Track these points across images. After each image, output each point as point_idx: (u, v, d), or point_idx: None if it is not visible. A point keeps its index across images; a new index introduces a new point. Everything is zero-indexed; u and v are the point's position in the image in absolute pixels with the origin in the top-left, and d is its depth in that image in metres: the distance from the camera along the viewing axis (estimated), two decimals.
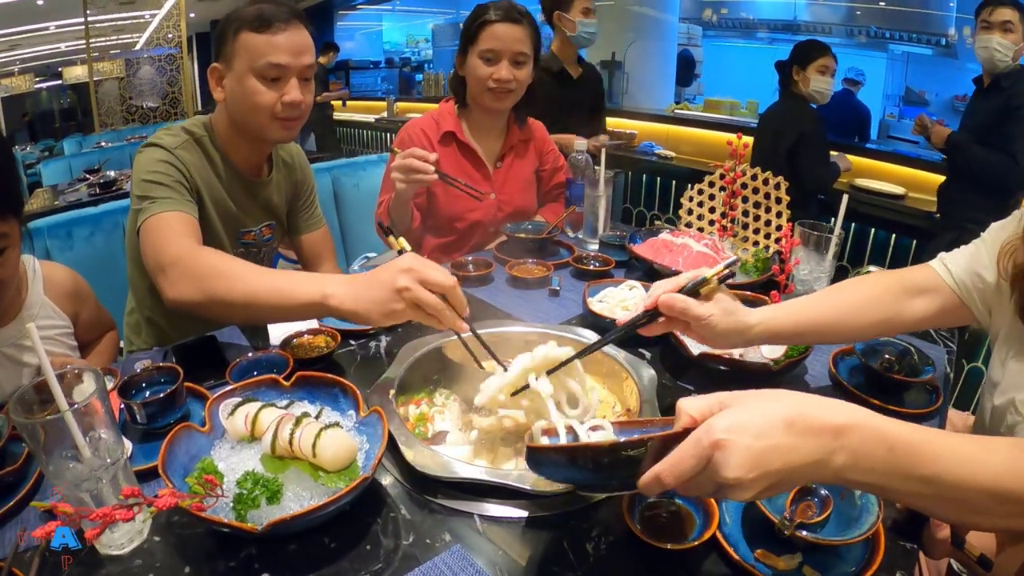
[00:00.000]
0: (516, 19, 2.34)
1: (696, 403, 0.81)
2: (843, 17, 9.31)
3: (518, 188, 2.65)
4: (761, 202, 2.09)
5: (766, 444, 0.75)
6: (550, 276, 2.10)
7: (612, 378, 1.48)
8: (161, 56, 9.54)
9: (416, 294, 1.22)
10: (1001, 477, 0.80)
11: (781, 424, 0.76)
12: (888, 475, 0.79)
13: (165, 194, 1.67)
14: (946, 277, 1.40)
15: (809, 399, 0.80)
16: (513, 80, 2.38)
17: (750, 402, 0.79)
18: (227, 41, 1.77)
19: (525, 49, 2.38)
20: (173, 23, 9.40)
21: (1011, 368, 1.31)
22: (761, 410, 0.77)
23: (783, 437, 0.76)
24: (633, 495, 1.06)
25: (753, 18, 10.18)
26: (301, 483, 1.06)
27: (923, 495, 0.80)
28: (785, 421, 0.76)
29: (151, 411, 1.23)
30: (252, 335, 1.69)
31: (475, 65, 2.37)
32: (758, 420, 0.76)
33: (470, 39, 2.38)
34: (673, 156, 6.08)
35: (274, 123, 1.82)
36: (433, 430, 1.32)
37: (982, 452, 0.82)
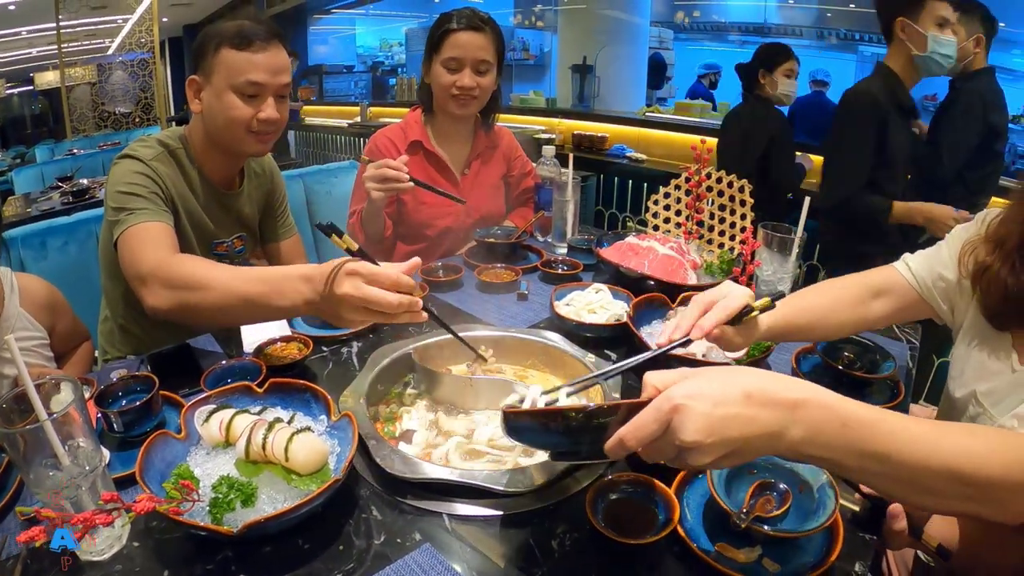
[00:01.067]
0: (478, 27, 2.37)
1: (660, 375, 0.84)
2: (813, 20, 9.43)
3: (486, 194, 2.68)
4: (726, 204, 2.13)
5: (724, 412, 0.79)
6: (518, 280, 2.12)
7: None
8: (134, 61, 9.46)
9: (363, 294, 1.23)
10: (955, 458, 0.83)
11: (740, 395, 0.80)
12: (842, 451, 0.83)
13: (142, 205, 1.69)
14: (907, 276, 1.49)
15: (768, 375, 0.84)
16: (476, 87, 2.41)
17: (711, 374, 0.83)
18: (207, 55, 1.79)
19: (487, 57, 2.41)
20: (146, 28, 9.32)
21: (972, 361, 1.38)
22: (721, 380, 0.82)
23: (741, 407, 0.80)
24: (595, 495, 1.09)
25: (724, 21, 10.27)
26: (274, 486, 1.08)
27: (877, 473, 0.85)
28: (744, 392, 0.80)
29: (128, 419, 1.25)
30: (226, 343, 1.71)
31: (439, 73, 2.41)
32: (718, 389, 0.80)
33: (434, 47, 2.41)
34: (644, 159, 6.14)
35: (249, 137, 1.84)
36: (401, 429, 1.35)
37: (936, 433, 0.85)
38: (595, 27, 8.31)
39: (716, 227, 2.16)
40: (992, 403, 1.31)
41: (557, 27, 9.47)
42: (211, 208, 1.98)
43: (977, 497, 0.85)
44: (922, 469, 0.84)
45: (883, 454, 0.83)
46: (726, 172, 2.11)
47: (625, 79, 8.39)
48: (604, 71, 8.06)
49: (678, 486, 1.14)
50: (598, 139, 6.43)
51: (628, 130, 6.69)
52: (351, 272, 1.25)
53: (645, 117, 6.90)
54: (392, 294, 1.24)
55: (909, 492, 0.88)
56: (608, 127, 6.78)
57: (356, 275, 1.25)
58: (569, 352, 1.54)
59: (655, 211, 2.29)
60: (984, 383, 1.34)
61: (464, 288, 2.14)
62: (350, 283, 1.24)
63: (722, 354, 1.56)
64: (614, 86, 8.14)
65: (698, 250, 2.17)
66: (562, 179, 2.46)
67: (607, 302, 1.85)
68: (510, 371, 1.59)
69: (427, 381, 1.47)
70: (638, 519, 1.08)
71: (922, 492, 0.86)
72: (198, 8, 13.81)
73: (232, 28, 1.77)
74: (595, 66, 7.99)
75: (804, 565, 1.01)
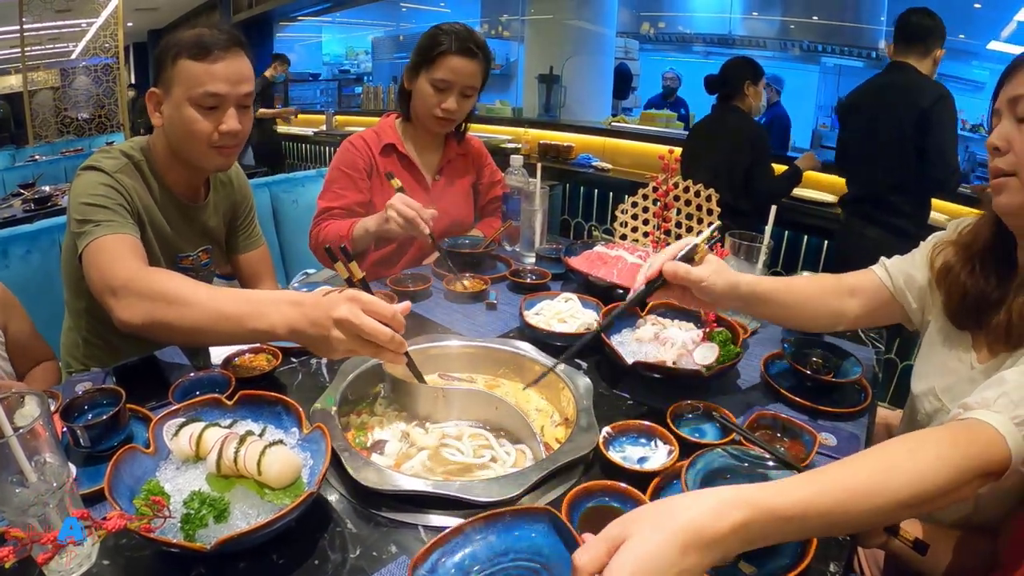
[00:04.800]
0: (473, 53, 2.37)
1: (589, 555, 0.79)
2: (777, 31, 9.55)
3: (456, 200, 2.68)
4: (693, 213, 2.15)
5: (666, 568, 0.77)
6: (487, 290, 2.12)
7: (549, 388, 1.52)
8: (97, 66, 9.33)
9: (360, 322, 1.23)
10: (899, 494, 0.90)
11: (678, 552, 0.78)
12: (790, 535, 0.89)
13: (108, 217, 1.65)
14: (882, 276, 1.58)
15: (698, 506, 0.82)
16: (458, 111, 2.43)
17: (644, 533, 0.79)
18: (165, 67, 1.75)
19: (476, 83, 2.44)
20: (110, 32, 9.19)
21: (934, 359, 1.46)
22: (656, 543, 0.78)
23: (683, 561, 0.78)
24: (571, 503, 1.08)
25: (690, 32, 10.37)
26: (248, 501, 1.07)
27: (830, 531, 0.95)
28: (682, 548, 0.78)
29: (94, 434, 1.22)
30: (193, 355, 1.69)
31: (425, 90, 2.40)
32: (656, 557, 0.77)
33: (425, 63, 2.39)
34: (610, 168, 6.19)
35: (211, 151, 1.81)
36: (372, 439, 1.35)
37: (882, 476, 0.91)
38: (562, 37, 8.35)
39: (683, 236, 2.18)
40: (950, 399, 1.37)
41: (524, 37, 9.48)
42: (175, 221, 1.95)
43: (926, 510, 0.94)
44: (874, 515, 0.90)
45: (829, 524, 0.89)
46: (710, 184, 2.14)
47: (591, 89, 8.44)
48: (570, 81, 8.09)
49: (653, 493, 1.15)
50: (564, 148, 6.45)
51: (594, 140, 6.75)
52: (352, 298, 1.25)
53: (611, 127, 6.96)
54: (386, 328, 1.24)
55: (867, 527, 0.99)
56: (574, 137, 6.83)
57: (356, 301, 1.24)
58: (540, 361, 1.55)
59: (623, 220, 2.30)
60: (944, 380, 1.42)
61: (433, 298, 2.14)
62: (349, 308, 1.23)
63: (692, 360, 1.58)
64: (580, 96, 8.18)
65: None
66: (530, 189, 2.47)
67: (577, 311, 1.86)
68: (481, 381, 1.59)
69: (398, 392, 1.47)
70: None
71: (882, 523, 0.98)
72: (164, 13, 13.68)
73: (190, 38, 1.72)
74: (561, 76, 8.03)
75: (780, 567, 1.02)
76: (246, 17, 12.24)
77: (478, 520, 1.02)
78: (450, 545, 0.99)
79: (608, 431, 1.31)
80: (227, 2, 12.53)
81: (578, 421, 1.33)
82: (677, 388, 1.53)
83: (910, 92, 3.41)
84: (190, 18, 13.75)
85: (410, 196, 2.23)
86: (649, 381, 1.57)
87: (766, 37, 9.57)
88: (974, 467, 0.95)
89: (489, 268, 2.42)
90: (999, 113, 1.27)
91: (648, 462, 1.26)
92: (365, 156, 2.49)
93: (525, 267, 2.34)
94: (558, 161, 6.37)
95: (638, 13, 10.65)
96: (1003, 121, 1.24)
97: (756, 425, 1.38)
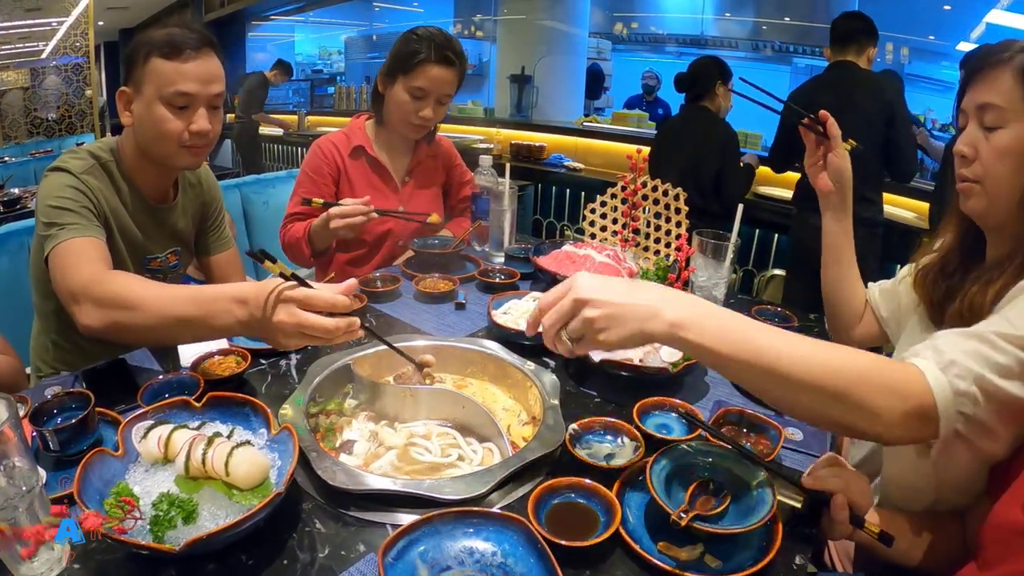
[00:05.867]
0: (451, 61, 2.37)
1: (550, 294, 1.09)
2: (749, 32, 9.59)
3: (425, 202, 2.68)
4: (662, 212, 2.17)
5: (612, 282, 1.05)
6: (456, 290, 2.13)
7: (517, 387, 1.54)
8: (68, 65, 9.20)
9: (298, 320, 1.24)
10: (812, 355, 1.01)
11: (626, 282, 1.08)
12: (713, 337, 1.01)
13: (73, 220, 1.65)
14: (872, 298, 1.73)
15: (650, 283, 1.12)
16: (434, 118, 2.44)
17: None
18: (136, 65, 1.74)
19: (451, 91, 2.45)
20: (81, 31, 9.06)
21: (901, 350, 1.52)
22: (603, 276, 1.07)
23: (625, 284, 1.06)
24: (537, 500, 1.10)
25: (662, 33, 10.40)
26: (216, 502, 1.07)
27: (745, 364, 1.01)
28: (628, 282, 1.08)
29: (63, 437, 1.22)
30: (162, 357, 1.69)
31: (401, 97, 2.40)
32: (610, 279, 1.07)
33: (402, 70, 2.38)
34: (582, 168, 6.21)
35: (181, 151, 1.80)
36: (341, 439, 1.36)
37: (797, 338, 1.04)
38: (534, 37, 8.36)
39: (652, 235, 2.20)
40: None
41: (496, 37, 9.48)
42: (144, 223, 1.94)
43: (841, 398, 1.00)
44: (785, 359, 1.00)
45: (744, 339, 1.01)
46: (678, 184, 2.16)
47: (563, 89, 8.46)
48: (542, 81, 8.11)
49: (619, 489, 1.17)
50: (536, 148, 6.46)
51: (566, 139, 6.77)
52: (285, 299, 1.25)
53: (583, 127, 6.98)
54: (327, 319, 1.24)
55: (782, 393, 1.04)
56: (546, 137, 6.85)
57: (290, 301, 1.25)
58: (508, 360, 1.57)
59: (592, 220, 2.33)
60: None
61: (402, 298, 2.14)
62: (284, 310, 1.24)
63: (659, 358, 1.60)
64: (552, 96, 8.20)
65: (634, 257, 2.21)
66: (499, 189, 2.49)
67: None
68: (450, 380, 1.61)
69: (367, 392, 1.48)
70: (580, 522, 1.10)
71: (793, 388, 1.01)
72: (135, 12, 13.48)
73: (161, 36, 1.72)
74: (534, 76, 8.05)
75: (746, 560, 1.05)
76: (218, 16, 12.11)
77: (448, 514, 1.04)
78: (418, 534, 1.02)
79: (575, 428, 1.33)
80: (199, 1, 12.42)
81: (545, 419, 1.34)
82: (644, 385, 1.55)
83: (871, 86, 3.59)
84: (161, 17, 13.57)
85: (380, 200, 2.25)
86: (616, 379, 1.60)
87: (738, 38, 9.61)
88: (886, 384, 1.01)
89: (458, 268, 2.43)
90: (965, 114, 1.31)
91: (614, 459, 1.28)
92: (331, 160, 2.50)
93: (494, 267, 2.35)
94: (530, 161, 6.39)
95: (611, 13, 10.65)
96: (970, 126, 1.29)
97: (722, 421, 1.39)
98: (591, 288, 1.03)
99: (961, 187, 1.32)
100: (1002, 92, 1.22)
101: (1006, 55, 1.23)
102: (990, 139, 1.24)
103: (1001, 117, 1.22)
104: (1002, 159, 1.23)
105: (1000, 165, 1.24)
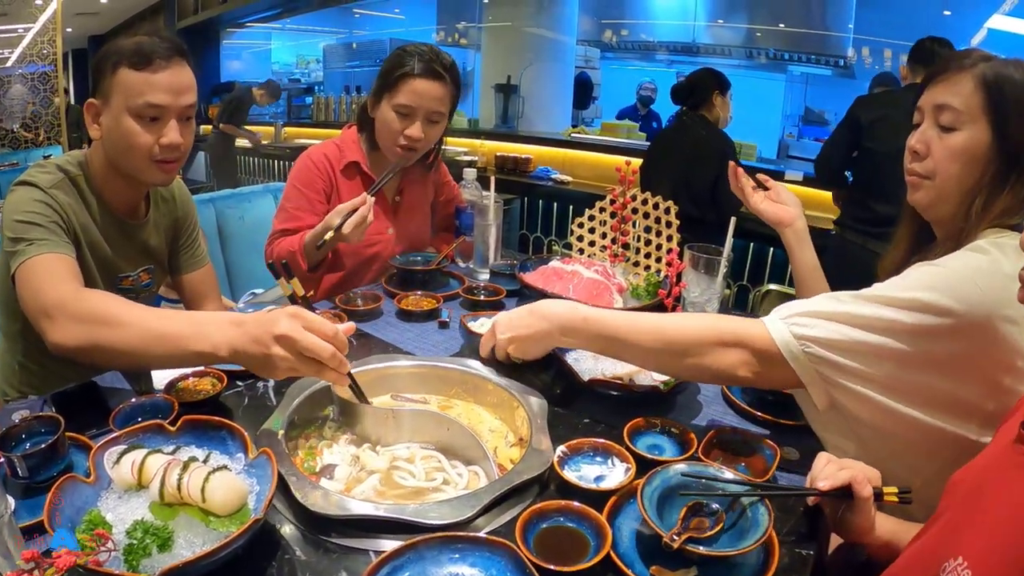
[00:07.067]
0: (438, 75, 2.34)
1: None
2: (743, 39, 9.62)
3: (416, 221, 2.70)
4: (652, 226, 2.19)
5: (517, 319, 1.61)
6: (440, 308, 2.14)
7: (503, 408, 1.56)
8: (34, 74, 9.14)
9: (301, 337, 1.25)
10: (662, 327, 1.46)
11: (526, 311, 1.60)
12: (588, 338, 1.53)
13: (42, 235, 1.65)
14: None
15: (546, 301, 1.63)
16: (423, 140, 2.39)
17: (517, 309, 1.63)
18: (104, 76, 1.74)
19: (443, 108, 2.41)
20: (48, 39, 9.00)
21: None
22: (519, 309, 1.63)
23: (525, 316, 1.60)
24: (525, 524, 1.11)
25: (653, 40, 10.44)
26: (192, 529, 1.08)
27: (618, 348, 1.51)
28: (528, 310, 1.60)
29: (32, 463, 1.22)
30: (134, 380, 1.69)
31: (388, 116, 2.36)
32: (515, 312, 1.64)
33: (387, 87, 2.36)
34: (570, 180, 6.26)
35: (151, 166, 1.80)
36: (321, 464, 1.37)
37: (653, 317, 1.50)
38: (520, 45, 8.39)
39: (642, 249, 2.22)
40: None
41: (480, 45, 9.52)
42: (114, 239, 1.93)
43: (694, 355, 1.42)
44: (642, 335, 1.46)
45: (613, 335, 1.48)
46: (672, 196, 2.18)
47: (550, 99, 8.50)
48: (529, 91, 8.15)
49: (610, 512, 1.18)
50: (522, 161, 6.50)
51: (553, 151, 6.82)
52: (293, 315, 1.27)
53: (570, 138, 7.04)
54: (327, 344, 1.26)
55: (646, 357, 1.51)
56: (532, 148, 6.89)
57: (297, 318, 1.27)
58: (494, 380, 1.58)
59: (579, 234, 2.34)
60: None
61: (384, 316, 2.15)
62: (290, 324, 1.26)
63: (650, 376, 1.62)
64: (539, 106, 8.23)
65: (624, 273, 2.23)
66: (484, 203, 2.50)
67: None
68: (434, 402, 1.62)
69: (347, 414, 1.49)
70: (570, 547, 1.11)
71: (653, 355, 1.49)
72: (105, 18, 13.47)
73: (130, 45, 1.72)
74: (519, 85, 8.09)
75: None
76: (191, 23, 12.12)
77: (433, 539, 1.05)
78: (402, 560, 1.02)
79: (563, 450, 1.34)
80: (171, 7, 12.41)
81: (532, 441, 1.36)
82: (635, 405, 1.56)
83: None
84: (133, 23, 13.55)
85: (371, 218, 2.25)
86: (605, 398, 1.61)
87: (731, 45, 9.65)
88: (726, 336, 1.40)
89: (441, 285, 2.44)
90: (921, 112, 1.44)
91: (605, 481, 1.29)
92: (325, 175, 2.45)
93: (479, 284, 2.37)
94: (516, 174, 6.42)
95: (600, 20, 10.68)
96: (925, 124, 1.43)
97: (716, 440, 1.40)
98: (503, 329, 1.63)
99: (910, 180, 1.47)
100: (961, 95, 1.35)
101: (967, 61, 1.36)
102: (944, 139, 1.38)
103: (957, 119, 1.35)
104: (954, 159, 1.37)
105: (951, 164, 1.37)
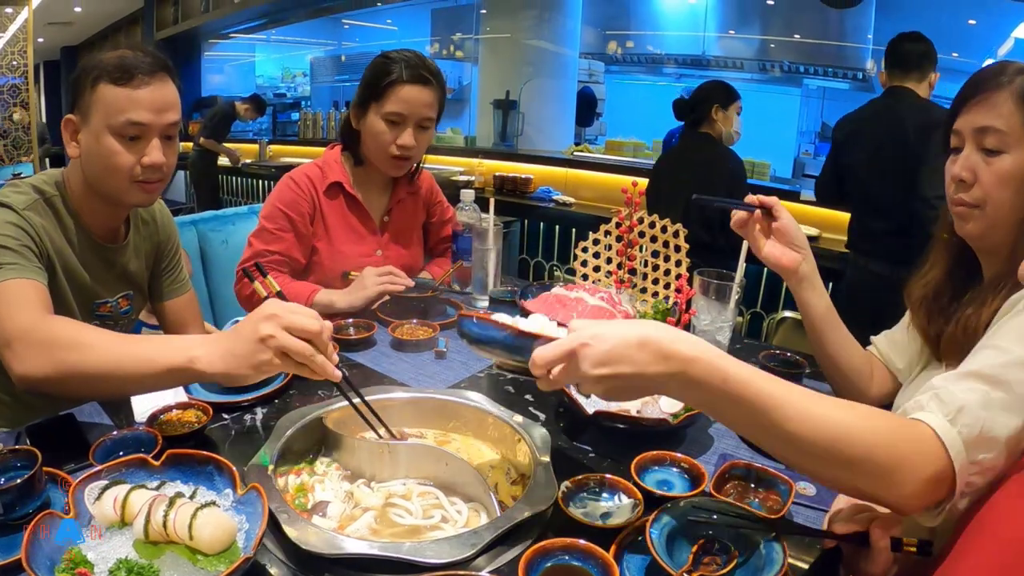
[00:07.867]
0: (426, 80, 2.39)
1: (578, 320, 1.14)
2: (756, 51, 9.62)
3: (405, 243, 2.71)
4: (660, 251, 2.19)
5: (620, 354, 1.04)
6: (436, 337, 2.13)
7: (504, 442, 1.56)
8: (4, 87, 9.18)
9: (281, 341, 1.29)
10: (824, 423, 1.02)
11: (636, 341, 1.04)
12: (718, 401, 1.06)
13: (11, 260, 1.65)
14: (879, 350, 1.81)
15: (668, 329, 1.07)
16: (415, 147, 2.43)
17: (617, 321, 1.17)
18: (83, 92, 1.75)
19: (432, 114, 2.45)
20: (19, 49, 9.05)
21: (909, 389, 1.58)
22: (620, 329, 1.07)
23: (635, 352, 1.04)
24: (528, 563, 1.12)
25: (660, 53, 10.45)
26: (179, 568, 1.09)
27: (756, 426, 1.07)
28: (640, 340, 1.04)
29: (7, 500, 1.22)
30: (115, 412, 1.68)
31: (377, 127, 2.39)
32: (617, 335, 1.06)
33: (374, 96, 2.38)
34: (572, 202, 6.25)
35: (133, 187, 1.81)
36: (313, 500, 1.38)
37: (810, 400, 1.05)
38: (519, 58, 8.43)
39: (649, 275, 2.23)
40: None
41: (478, 58, 9.55)
42: (91, 264, 1.94)
43: (855, 467, 1.02)
44: (794, 424, 1.02)
45: (759, 409, 1.03)
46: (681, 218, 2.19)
47: (552, 115, 8.52)
48: (529, 106, 8.18)
49: (617, 550, 1.19)
50: (522, 181, 6.51)
51: (555, 171, 6.83)
52: (270, 316, 1.31)
53: (573, 157, 7.04)
54: (306, 344, 1.31)
55: (790, 452, 1.07)
56: (533, 168, 6.92)
57: (275, 318, 1.31)
58: (494, 413, 1.59)
59: (584, 259, 2.34)
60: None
61: (377, 346, 2.15)
62: (271, 326, 1.30)
63: (659, 408, 1.62)
64: (540, 123, 8.26)
65: (631, 300, 2.22)
66: (482, 226, 2.51)
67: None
68: (431, 436, 1.63)
69: (340, 449, 1.50)
70: None
71: (801, 454, 1.05)
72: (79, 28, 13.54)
73: (111, 60, 1.73)
74: (519, 101, 8.12)
75: None
76: (171, 33, 12.20)
77: None
78: None
79: (568, 485, 1.34)
80: (150, 17, 12.46)
81: (535, 476, 1.36)
82: (642, 438, 1.56)
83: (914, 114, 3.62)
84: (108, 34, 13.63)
85: (358, 242, 2.26)
86: (612, 432, 1.62)
87: (743, 58, 9.66)
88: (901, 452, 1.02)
89: (438, 313, 2.43)
90: (959, 135, 1.41)
91: (611, 518, 1.30)
92: (309, 197, 2.48)
93: (477, 311, 2.34)
94: (515, 195, 6.43)
95: (604, 32, 10.72)
96: (967, 149, 1.39)
97: (728, 475, 1.40)
98: (593, 364, 1.07)
99: (958, 211, 1.42)
100: (1003, 116, 1.32)
101: (1004, 78, 1.33)
102: (991, 163, 1.34)
103: (1003, 142, 1.32)
104: (1005, 184, 1.33)
105: (1003, 190, 1.33)
